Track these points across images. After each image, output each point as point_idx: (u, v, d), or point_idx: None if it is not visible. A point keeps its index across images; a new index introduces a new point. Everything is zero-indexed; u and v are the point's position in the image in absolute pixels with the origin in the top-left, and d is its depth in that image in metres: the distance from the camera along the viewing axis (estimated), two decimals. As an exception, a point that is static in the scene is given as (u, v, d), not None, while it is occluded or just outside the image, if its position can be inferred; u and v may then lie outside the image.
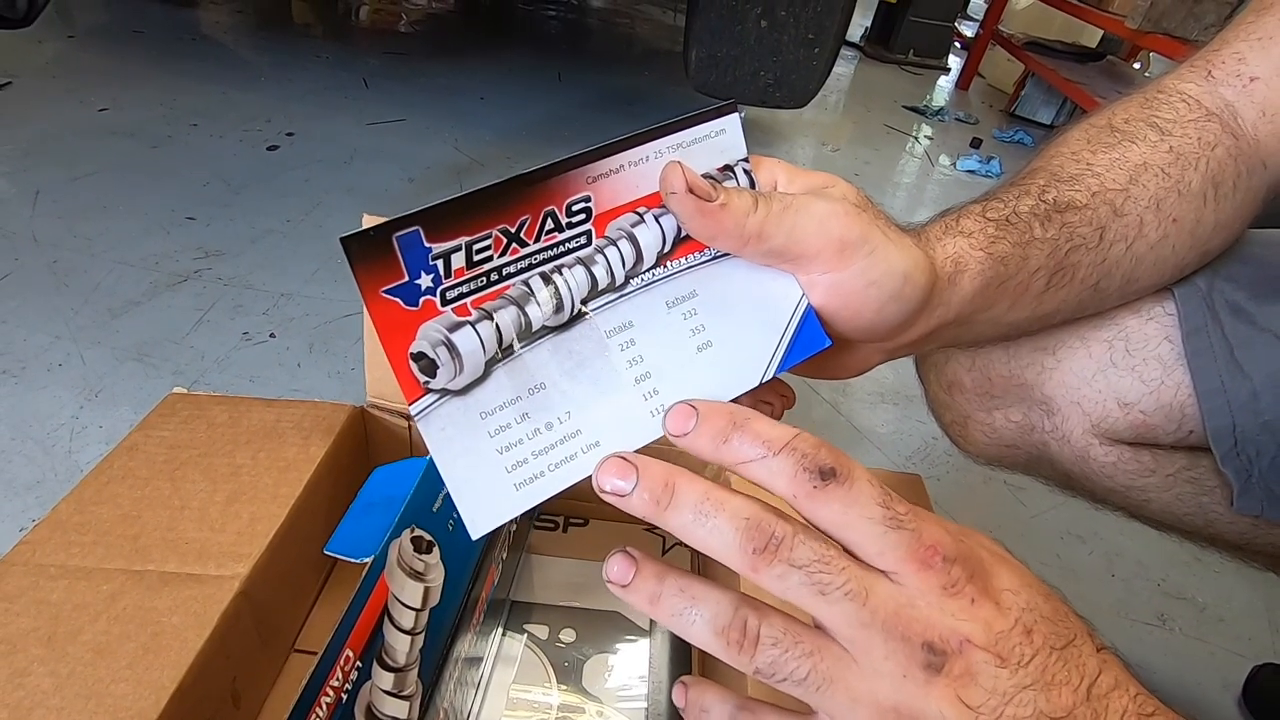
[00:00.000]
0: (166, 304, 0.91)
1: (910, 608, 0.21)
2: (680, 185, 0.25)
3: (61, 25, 1.81)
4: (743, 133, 0.28)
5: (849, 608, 0.21)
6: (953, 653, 0.21)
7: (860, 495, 0.22)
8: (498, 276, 0.24)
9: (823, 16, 1.30)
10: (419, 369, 0.23)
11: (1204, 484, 0.43)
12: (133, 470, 0.46)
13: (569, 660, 0.50)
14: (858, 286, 0.27)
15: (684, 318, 0.27)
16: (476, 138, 1.54)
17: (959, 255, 0.31)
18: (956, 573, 0.22)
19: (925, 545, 0.22)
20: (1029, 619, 0.22)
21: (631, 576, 0.23)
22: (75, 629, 0.37)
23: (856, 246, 0.26)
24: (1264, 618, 0.78)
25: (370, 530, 0.37)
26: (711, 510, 0.22)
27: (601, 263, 0.26)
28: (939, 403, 0.51)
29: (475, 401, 0.24)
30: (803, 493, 0.22)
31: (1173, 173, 0.36)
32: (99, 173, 1.17)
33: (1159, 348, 0.40)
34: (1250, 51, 0.38)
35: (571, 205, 0.25)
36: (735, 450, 0.23)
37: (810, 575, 0.21)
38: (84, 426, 0.72)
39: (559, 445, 0.25)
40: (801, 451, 0.22)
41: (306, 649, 0.49)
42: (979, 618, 0.22)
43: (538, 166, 0.24)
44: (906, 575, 0.22)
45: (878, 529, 0.22)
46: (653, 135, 0.26)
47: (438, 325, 0.23)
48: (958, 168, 1.97)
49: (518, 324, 0.24)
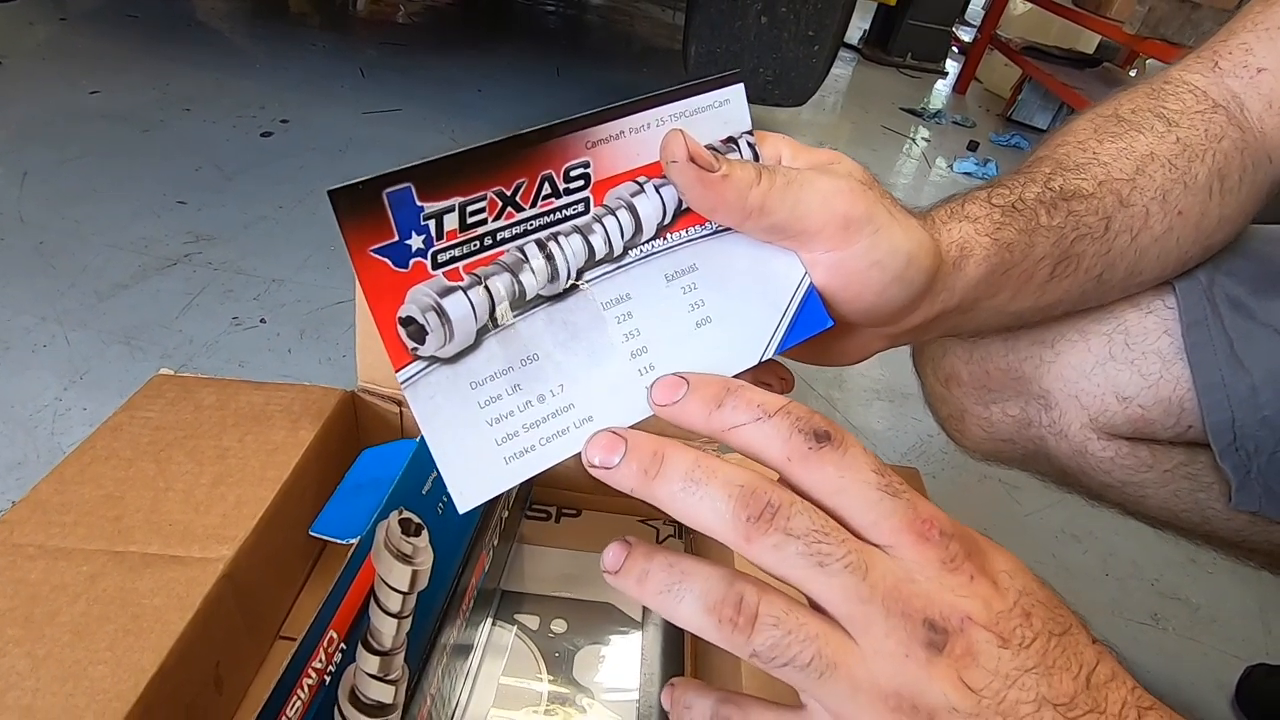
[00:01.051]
0: (155, 288, 0.90)
1: (910, 582, 0.21)
2: (681, 153, 0.24)
3: (54, 8, 1.79)
4: (747, 104, 0.27)
5: (849, 581, 0.20)
6: (954, 630, 0.20)
7: (855, 460, 0.21)
8: (492, 241, 0.23)
9: (823, 14, 1.30)
10: (407, 334, 0.22)
11: (1201, 480, 0.43)
12: (116, 450, 0.45)
13: (560, 651, 0.49)
14: (861, 266, 0.26)
15: (683, 292, 0.26)
16: (473, 130, 1.53)
17: (964, 240, 0.30)
18: (954, 548, 0.21)
19: (921, 517, 0.21)
20: (1027, 602, 0.21)
21: (623, 561, 0.22)
22: (53, 610, 0.36)
23: (861, 225, 0.26)
24: (1257, 618, 0.78)
25: (357, 511, 0.36)
26: (703, 478, 0.21)
27: (599, 232, 0.25)
28: (936, 396, 0.50)
29: (465, 370, 0.23)
30: (797, 454, 0.21)
31: (1179, 164, 0.35)
32: (89, 156, 1.16)
33: (1158, 341, 0.40)
34: (1258, 42, 0.37)
35: (570, 170, 0.24)
36: (727, 415, 0.22)
37: (809, 545, 0.20)
38: (68, 409, 0.71)
39: (551, 418, 0.24)
40: (796, 415, 0.22)
41: (292, 635, 0.48)
42: (978, 595, 0.21)
43: (534, 128, 0.23)
44: (904, 548, 0.21)
45: (874, 494, 0.21)
46: (655, 101, 0.25)
47: (428, 289, 0.22)
48: (954, 170, 1.97)
49: (511, 292, 0.23)
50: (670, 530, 0.59)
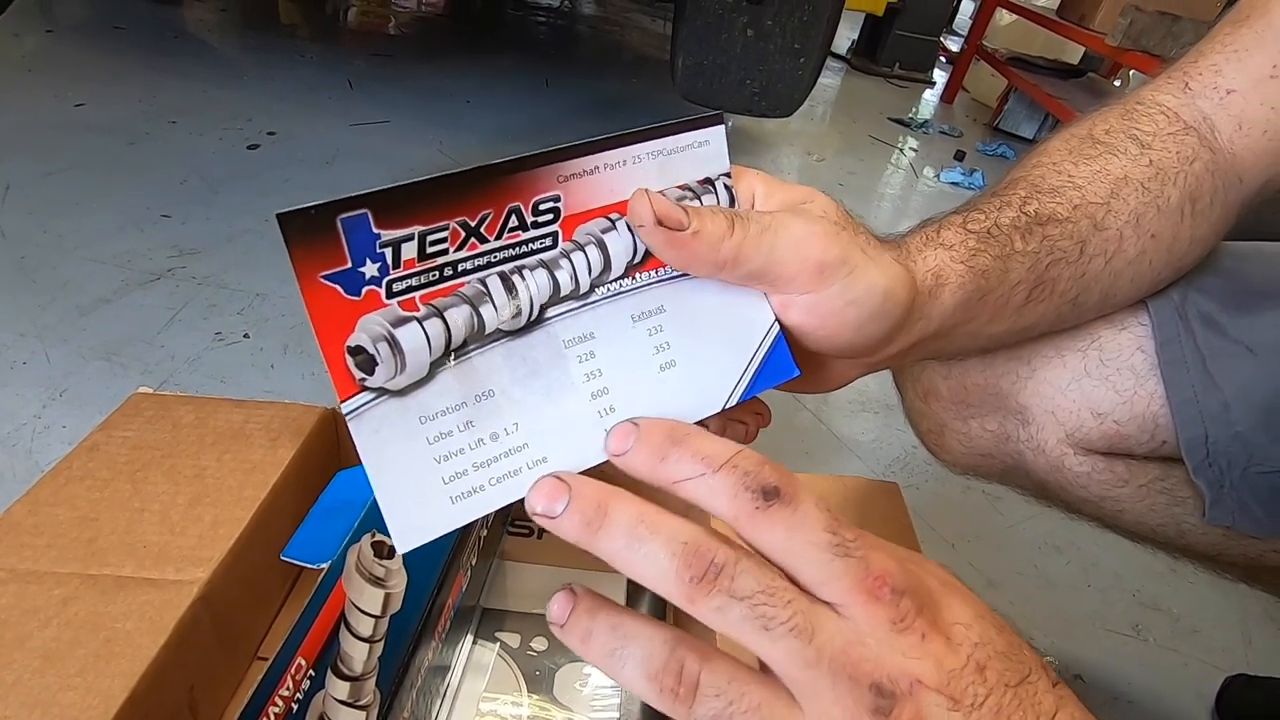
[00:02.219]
0: (138, 303, 0.89)
1: (859, 645, 0.20)
2: (649, 218, 0.24)
3: (41, 19, 1.78)
4: (727, 145, 0.27)
5: (794, 645, 0.20)
6: (902, 694, 0.19)
7: (805, 518, 0.21)
8: (452, 272, 0.23)
9: (809, 26, 1.31)
10: (355, 364, 0.21)
11: (1177, 495, 0.43)
12: (92, 471, 0.44)
13: (540, 669, 0.49)
14: (836, 306, 0.26)
15: (649, 334, 0.25)
16: (462, 141, 1.53)
17: (939, 268, 0.30)
18: (906, 605, 0.20)
19: (873, 575, 0.20)
20: (982, 655, 0.21)
21: (568, 615, 0.21)
22: (23, 635, 0.35)
23: (835, 268, 0.26)
24: (1237, 628, 0.79)
25: (330, 535, 0.36)
26: (646, 534, 0.20)
27: (566, 267, 0.24)
28: (915, 411, 0.50)
29: (416, 404, 0.22)
30: (744, 513, 0.21)
31: (1153, 187, 0.36)
32: (73, 168, 1.15)
33: (1132, 358, 0.40)
34: (1227, 64, 0.38)
35: (539, 204, 0.24)
36: (672, 468, 0.21)
37: (753, 608, 0.20)
38: (46, 426, 0.70)
39: (503, 458, 0.23)
40: (743, 469, 0.21)
41: (269, 656, 0.48)
42: (930, 654, 0.20)
43: (505, 159, 0.23)
44: (853, 608, 0.20)
45: (823, 556, 0.20)
46: (633, 139, 0.25)
47: (380, 319, 0.22)
48: (941, 180, 1.99)
49: (470, 325, 0.23)
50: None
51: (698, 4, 1.28)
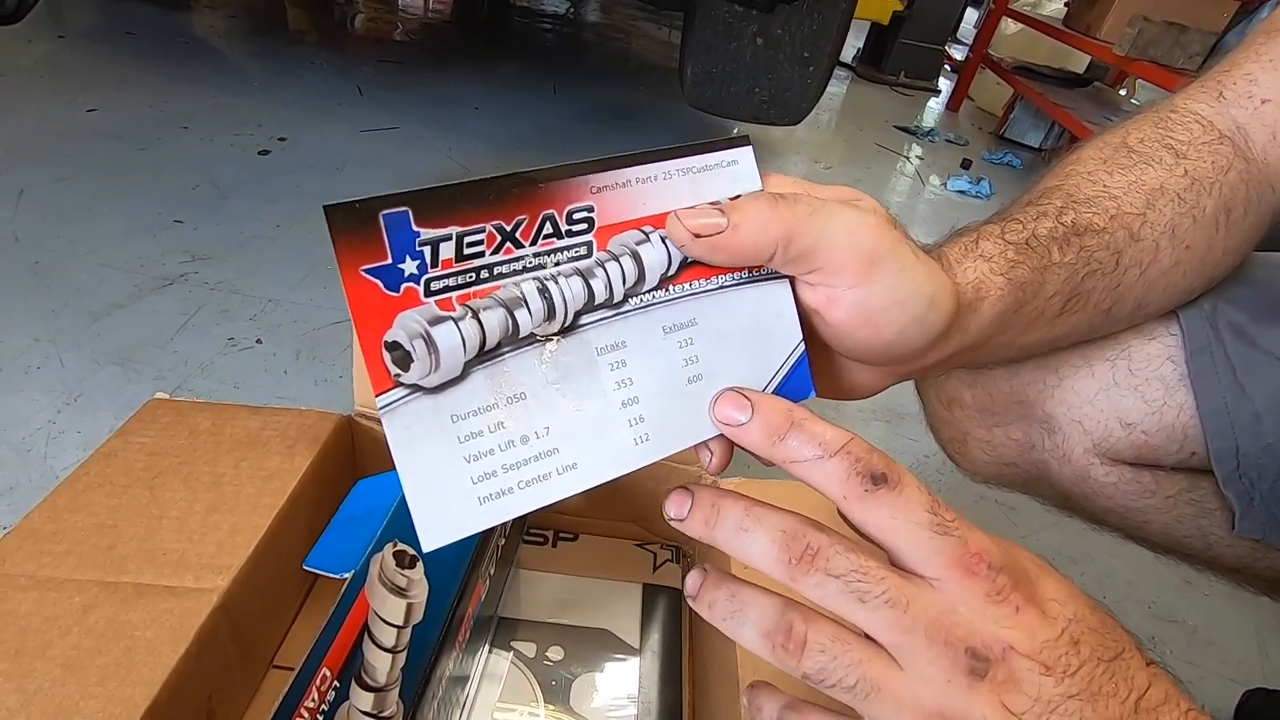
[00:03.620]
0: (150, 308, 0.89)
1: (951, 613, 0.22)
2: (686, 237, 0.25)
3: (52, 25, 1.79)
4: (756, 165, 0.27)
5: (889, 614, 0.22)
6: (996, 659, 0.21)
7: (909, 501, 0.22)
8: (488, 274, 0.23)
9: (818, 35, 1.31)
10: (392, 359, 0.22)
11: (1205, 506, 0.43)
12: (110, 477, 0.44)
13: (556, 679, 0.48)
14: (883, 304, 0.26)
15: (679, 346, 0.26)
16: (470, 148, 1.53)
17: (980, 281, 0.30)
18: (1002, 580, 0.22)
19: (971, 552, 0.22)
20: (1076, 630, 0.22)
21: (699, 587, 0.25)
22: (44, 643, 0.35)
23: (885, 261, 0.25)
24: (1253, 640, 0.78)
25: (352, 544, 0.35)
26: (751, 525, 0.23)
27: (601, 276, 0.25)
28: (938, 419, 0.50)
29: (448, 402, 0.22)
30: (854, 495, 0.23)
31: (1188, 198, 0.35)
32: (85, 174, 1.15)
33: (1161, 368, 0.40)
34: (1262, 74, 0.38)
35: (573, 213, 0.24)
36: (790, 449, 0.24)
37: (848, 584, 0.22)
38: (61, 431, 0.70)
39: (533, 462, 0.23)
40: (855, 455, 0.23)
41: (286, 664, 0.47)
42: (1023, 625, 0.22)
43: (539, 168, 0.23)
44: (950, 582, 0.22)
45: (924, 534, 0.22)
46: (663, 156, 0.25)
47: (418, 316, 0.22)
48: (948, 188, 1.98)
49: (505, 327, 0.23)
50: (668, 555, 0.59)
51: (708, 12, 1.29)
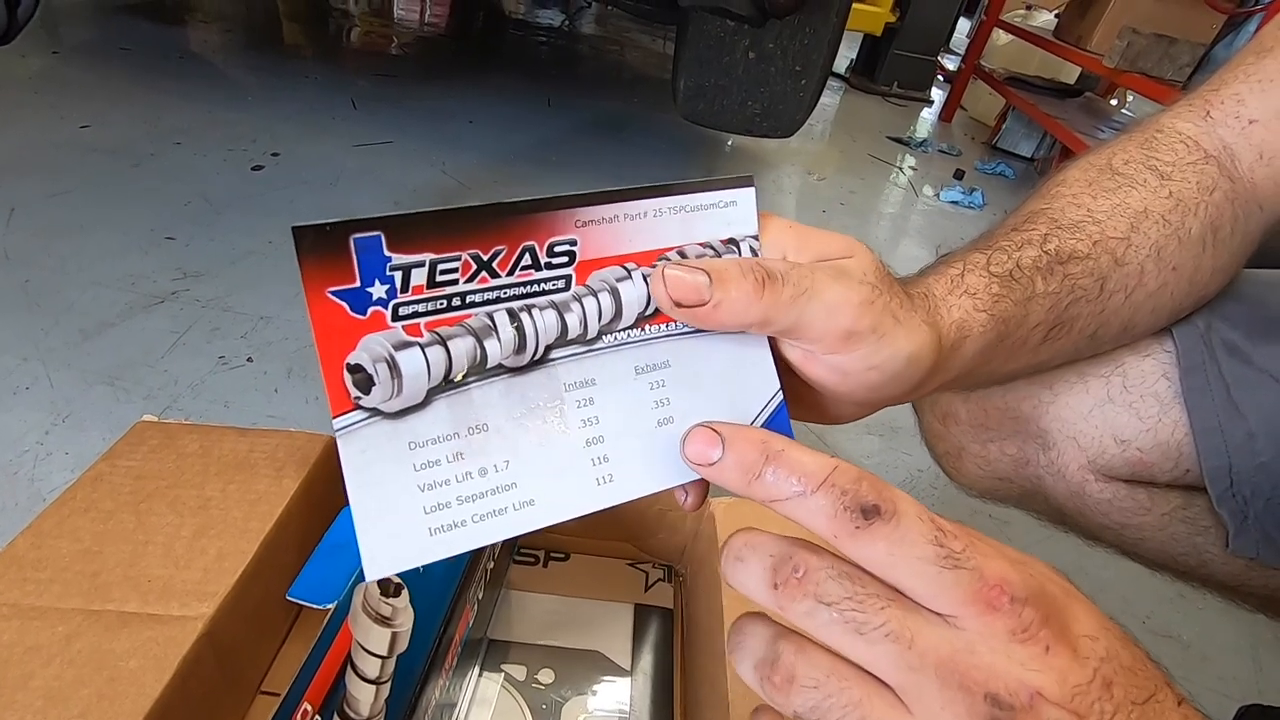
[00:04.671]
0: (141, 326, 0.89)
1: (969, 654, 0.19)
2: (667, 303, 0.24)
3: (47, 40, 1.79)
4: (756, 209, 0.26)
5: (892, 649, 0.19)
6: (1021, 707, 0.19)
7: (908, 533, 0.20)
8: (460, 303, 0.23)
9: (810, 49, 1.32)
10: (353, 382, 0.21)
11: (1199, 524, 0.43)
12: (96, 502, 0.44)
13: (547, 702, 0.48)
14: (859, 369, 0.26)
15: (650, 387, 0.25)
16: (464, 161, 1.54)
17: (964, 320, 0.30)
18: (1029, 615, 0.19)
19: (990, 585, 0.19)
20: (1109, 670, 0.20)
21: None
22: (26, 674, 0.35)
23: (864, 335, 0.25)
24: (1248, 655, 0.78)
25: (336, 573, 0.35)
26: (746, 553, 0.22)
27: (576, 311, 0.24)
28: (933, 433, 0.50)
29: (407, 428, 0.22)
30: (844, 533, 0.20)
31: (1173, 220, 0.36)
32: (78, 190, 1.15)
33: (1156, 384, 0.40)
34: (1250, 94, 0.38)
35: (554, 245, 0.24)
36: (769, 486, 0.22)
37: (842, 613, 0.20)
38: (49, 452, 0.70)
39: (489, 495, 0.23)
40: (841, 487, 0.21)
41: (274, 690, 0.47)
42: (1053, 668, 0.19)
43: (524, 199, 0.23)
44: (969, 619, 0.20)
45: (931, 570, 0.20)
46: (658, 192, 0.25)
47: (383, 340, 0.22)
48: (941, 199, 1.99)
49: (472, 357, 0.23)
50: (660, 574, 0.58)
51: (700, 27, 1.29)
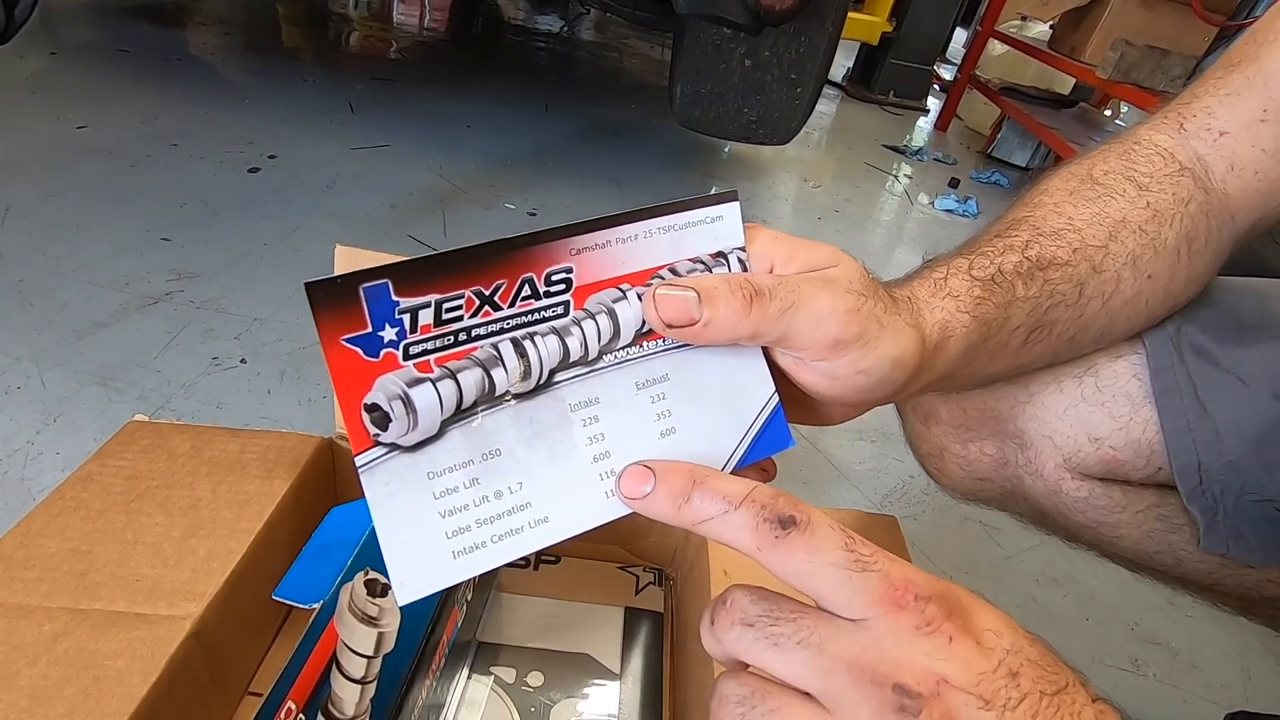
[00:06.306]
0: (135, 326, 0.89)
1: (876, 650, 0.20)
2: (659, 325, 0.25)
3: (45, 41, 1.80)
4: (741, 222, 0.28)
5: (805, 656, 0.21)
6: (929, 694, 0.20)
7: (822, 541, 0.22)
8: (466, 337, 0.24)
9: (806, 58, 1.33)
10: (371, 420, 0.23)
11: (1173, 521, 0.43)
12: (85, 502, 0.44)
13: (536, 705, 0.48)
14: (847, 374, 0.27)
15: (652, 401, 0.26)
16: (461, 165, 1.54)
17: (946, 321, 0.31)
18: (932, 610, 0.21)
19: (896, 585, 0.21)
20: (1014, 661, 0.21)
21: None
22: (12, 673, 0.35)
23: (850, 343, 0.26)
24: (1236, 663, 0.78)
25: (322, 574, 0.35)
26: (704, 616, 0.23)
27: (576, 334, 0.25)
28: (916, 434, 0.51)
29: (425, 460, 0.23)
30: (766, 544, 0.22)
31: (1150, 230, 0.37)
32: (73, 191, 1.15)
33: (1128, 385, 0.41)
34: (1220, 106, 0.39)
35: (552, 275, 0.25)
36: (696, 509, 0.23)
37: (762, 629, 0.21)
38: (40, 452, 0.70)
39: (506, 516, 0.24)
40: (760, 503, 0.22)
41: (260, 691, 0.47)
42: (958, 656, 0.20)
43: (520, 234, 0.24)
44: (877, 619, 0.21)
45: (842, 574, 0.21)
46: (647, 215, 0.26)
47: (396, 379, 0.23)
48: (936, 207, 2.00)
49: (481, 387, 0.24)
50: (650, 578, 0.59)
51: (697, 34, 1.30)
